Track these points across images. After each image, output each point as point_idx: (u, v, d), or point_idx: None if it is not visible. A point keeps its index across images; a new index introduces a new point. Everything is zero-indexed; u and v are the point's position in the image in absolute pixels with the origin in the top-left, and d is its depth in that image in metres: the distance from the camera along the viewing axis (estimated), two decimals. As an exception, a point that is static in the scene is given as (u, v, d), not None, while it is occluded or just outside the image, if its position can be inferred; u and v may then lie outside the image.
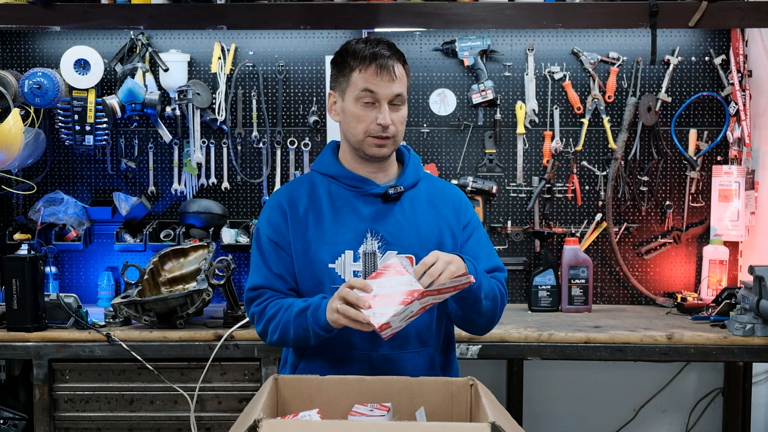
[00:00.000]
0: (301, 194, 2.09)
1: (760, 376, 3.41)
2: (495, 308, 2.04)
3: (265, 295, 2.05)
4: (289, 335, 1.97)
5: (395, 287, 1.77)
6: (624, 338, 2.70)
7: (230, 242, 3.19)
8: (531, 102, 3.35)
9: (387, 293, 1.77)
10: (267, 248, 2.06)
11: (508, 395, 3.42)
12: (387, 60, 1.99)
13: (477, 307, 1.98)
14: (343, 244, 2.02)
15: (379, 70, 1.98)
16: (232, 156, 3.36)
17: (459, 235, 2.09)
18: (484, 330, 2.10)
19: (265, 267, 2.06)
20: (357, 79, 1.99)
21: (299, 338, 1.97)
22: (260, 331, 2.06)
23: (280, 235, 2.06)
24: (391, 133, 2.01)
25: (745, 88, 3.26)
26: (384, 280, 1.80)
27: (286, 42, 3.35)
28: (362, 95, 1.99)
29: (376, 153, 2.03)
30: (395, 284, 1.78)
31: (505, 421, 1.57)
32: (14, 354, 2.73)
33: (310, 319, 1.92)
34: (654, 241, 3.38)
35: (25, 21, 2.97)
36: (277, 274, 2.05)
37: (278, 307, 2.01)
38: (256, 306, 2.05)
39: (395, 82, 1.99)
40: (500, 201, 3.38)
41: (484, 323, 2.06)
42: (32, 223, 3.19)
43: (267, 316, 2.02)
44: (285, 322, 1.97)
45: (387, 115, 1.99)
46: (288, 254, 2.05)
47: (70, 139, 3.21)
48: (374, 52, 1.99)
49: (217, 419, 2.74)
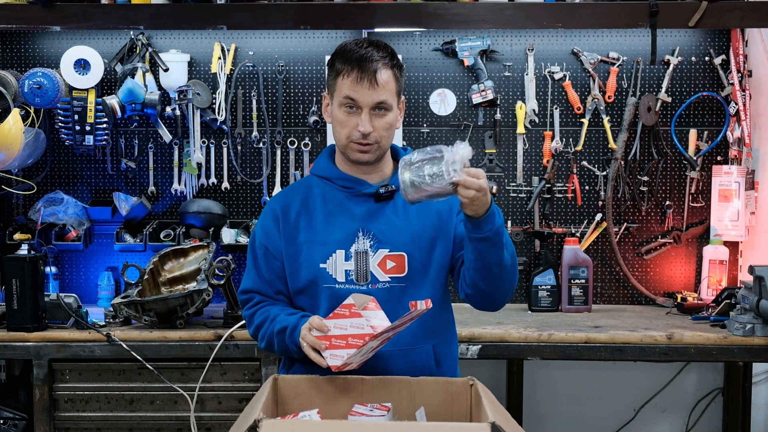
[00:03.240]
0: (295, 198, 2.11)
1: (760, 376, 3.41)
2: (513, 271, 1.96)
3: (255, 299, 2.12)
4: (274, 348, 2.05)
5: (349, 329, 1.83)
6: (624, 338, 2.70)
7: (230, 242, 3.19)
8: (531, 102, 3.35)
9: (341, 335, 1.84)
10: (259, 253, 2.11)
11: (508, 395, 3.42)
12: (370, 66, 1.96)
13: (499, 253, 1.90)
14: (335, 243, 2.03)
15: (360, 77, 1.96)
16: (232, 156, 3.36)
17: (452, 221, 2.06)
18: (500, 300, 2.01)
19: (255, 271, 2.12)
20: (341, 84, 1.99)
21: (283, 352, 2.05)
22: (251, 334, 2.14)
23: (271, 241, 2.09)
24: (373, 140, 2.00)
25: (745, 88, 3.26)
26: (340, 321, 1.85)
27: (286, 42, 3.35)
28: (344, 101, 1.99)
29: (359, 158, 2.04)
30: (349, 326, 1.83)
31: (505, 421, 1.57)
32: (14, 354, 2.73)
33: (287, 339, 1.98)
34: (654, 241, 3.38)
35: (25, 21, 2.97)
36: (266, 280, 2.10)
37: (264, 316, 2.07)
38: (247, 309, 2.13)
39: (377, 89, 1.97)
40: (500, 201, 3.38)
41: (503, 285, 1.96)
42: (32, 223, 3.19)
43: (255, 323, 2.10)
44: (269, 336, 2.04)
45: (367, 123, 1.98)
46: (278, 260, 2.08)
47: (70, 139, 3.21)
48: (360, 57, 1.97)
49: (217, 419, 2.74)
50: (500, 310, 2.10)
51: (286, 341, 1.98)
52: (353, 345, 1.81)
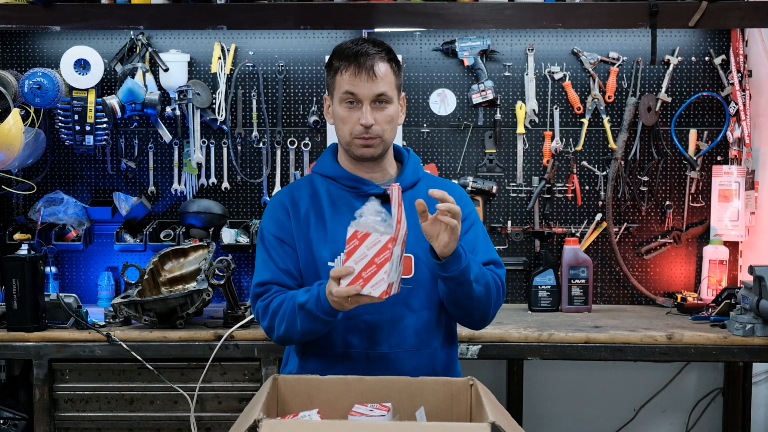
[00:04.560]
0: (303, 194, 2.10)
1: (760, 376, 3.41)
2: (488, 297, 2.01)
3: (272, 290, 2.04)
4: (296, 327, 1.96)
5: (369, 253, 1.78)
6: (624, 338, 2.70)
7: (230, 242, 3.19)
8: (531, 102, 3.35)
9: (367, 263, 1.78)
10: (273, 245, 2.06)
11: (508, 395, 3.42)
12: (367, 59, 1.97)
13: (466, 290, 1.95)
14: (343, 242, 2.02)
15: (358, 71, 1.97)
16: (232, 156, 3.36)
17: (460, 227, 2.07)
18: (479, 323, 2.08)
19: (273, 263, 2.05)
20: (340, 81, 2.00)
21: (306, 330, 1.96)
22: (266, 326, 2.04)
23: (285, 231, 2.06)
24: (376, 133, 2.00)
25: (745, 88, 3.26)
26: (357, 253, 1.80)
27: (286, 42, 3.35)
28: (344, 97, 2.00)
29: (363, 153, 2.03)
30: (367, 250, 1.78)
31: (505, 421, 1.57)
32: (14, 354, 2.73)
33: (316, 309, 1.91)
34: (654, 241, 3.38)
35: (25, 21, 2.96)
36: (284, 270, 2.05)
37: (281, 300, 2.00)
38: (262, 301, 2.04)
39: (376, 81, 1.98)
40: (500, 201, 3.38)
41: (477, 312, 2.03)
42: (32, 223, 3.19)
43: (272, 309, 2.01)
44: (291, 315, 1.96)
45: (369, 115, 1.98)
46: (294, 249, 2.06)
47: (70, 139, 3.21)
48: (356, 52, 1.99)
49: (217, 419, 2.74)
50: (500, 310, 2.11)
51: (315, 311, 1.90)
52: (384, 261, 1.77)
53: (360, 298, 1.81)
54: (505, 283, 2.10)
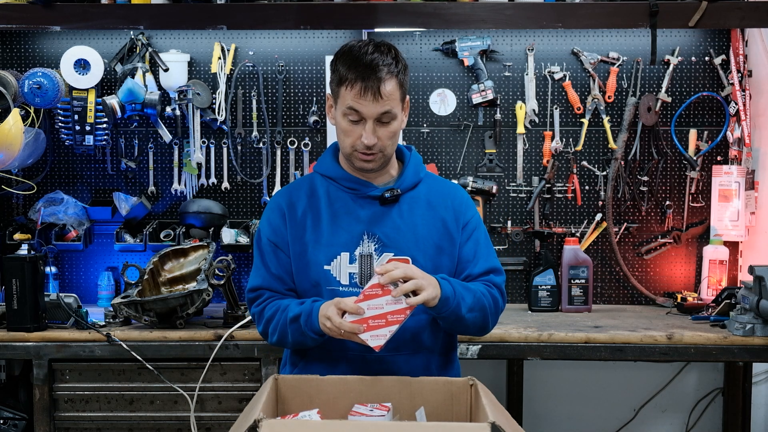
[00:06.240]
0: (301, 195, 2.10)
1: (760, 376, 3.41)
2: (485, 317, 2.04)
3: (264, 295, 2.08)
4: (288, 339, 2.01)
5: (386, 307, 1.84)
6: (624, 338, 2.70)
7: (230, 242, 3.19)
8: (531, 102, 3.35)
9: (379, 314, 1.84)
10: (266, 249, 2.09)
11: (508, 395, 3.42)
12: (374, 78, 1.93)
13: (461, 323, 1.99)
14: (340, 245, 2.02)
15: (364, 91, 1.93)
16: (232, 156, 3.36)
17: (457, 236, 2.08)
18: (478, 335, 2.12)
19: (264, 268, 2.08)
20: (345, 94, 1.97)
21: (297, 342, 2.01)
22: (261, 331, 2.09)
23: (279, 236, 2.08)
24: (377, 150, 2.00)
25: (745, 88, 3.26)
26: (375, 301, 1.85)
27: (286, 42, 3.35)
28: (348, 112, 1.97)
29: (363, 167, 2.04)
30: (385, 304, 1.84)
31: (505, 421, 1.57)
32: (14, 354, 2.73)
33: (304, 327, 1.95)
34: (654, 241, 3.38)
35: (25, 21, 2.96)
36: (275, 275, 2.07)
37: (275, 308, 2.04)
38: (256, 307, 2.09)
39: (381, 102, 1.94)
40: (500, 201, 3.38)
41: (475, 331, 2.08)
42: (32, 223, 3.19)
43: (266, 317, 2.05)
44: (282, 326, 2.00)
45: (371, 134, 1.97)
46: (287, 255, 2.07)
47: (70, 139, 3.21)
48: (364, 66, 1.93)
49: (217, 419, 2.74)
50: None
51: (303, 329, 1.95)
52: (394, 321, 1.83)
53: (354, 336, 1.86)
54: (505, 290, 2.11)
